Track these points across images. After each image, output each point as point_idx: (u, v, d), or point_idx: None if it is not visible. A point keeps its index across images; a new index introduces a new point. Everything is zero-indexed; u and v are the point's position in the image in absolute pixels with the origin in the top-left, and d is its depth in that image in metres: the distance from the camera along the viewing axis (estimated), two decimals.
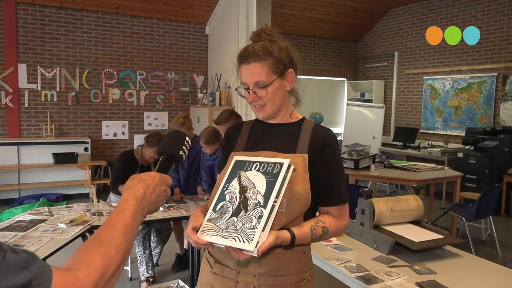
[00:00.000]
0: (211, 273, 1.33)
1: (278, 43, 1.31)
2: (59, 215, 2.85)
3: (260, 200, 1.17)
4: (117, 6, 6.53)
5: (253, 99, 1.30)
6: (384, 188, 7.20)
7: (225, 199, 1.23)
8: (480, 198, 4.03)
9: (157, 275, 3.56)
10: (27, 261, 0.60)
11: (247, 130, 1.44)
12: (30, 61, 6.23)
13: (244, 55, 1.31)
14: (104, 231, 0.78)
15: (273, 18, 6.15)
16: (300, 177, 1.24)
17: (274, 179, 1.19)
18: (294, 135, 1.35)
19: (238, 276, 1.27)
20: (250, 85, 1.29)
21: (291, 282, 1.26)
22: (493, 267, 2.00)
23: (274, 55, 1.28)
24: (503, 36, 6.31)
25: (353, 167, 4.50)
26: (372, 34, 8.70)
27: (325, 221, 1.30)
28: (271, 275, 1.24)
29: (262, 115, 1.35)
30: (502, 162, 5.73)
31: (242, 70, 1.32)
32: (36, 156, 6.07)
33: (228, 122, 3.30)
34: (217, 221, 1.19)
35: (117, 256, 0.75)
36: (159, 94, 7.16)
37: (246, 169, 1.25)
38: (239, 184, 1.23)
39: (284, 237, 1.18)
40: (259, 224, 1.12)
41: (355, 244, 2.26)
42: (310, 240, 1.27)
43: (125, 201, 0.86)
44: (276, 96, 1.31)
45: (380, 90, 8.36)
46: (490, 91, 6.48)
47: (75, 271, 0.67)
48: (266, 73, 1.27)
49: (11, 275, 0.56)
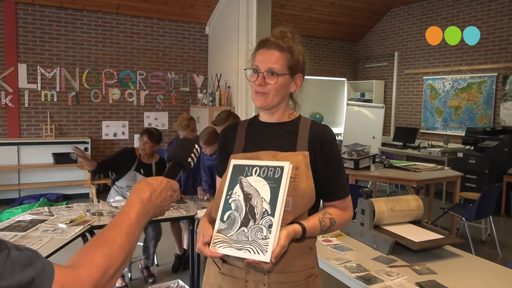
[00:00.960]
0: (219, 274, 1.32)
1: (299, 46, 1.35)
2: (59, 215, 2.85)
3: (267, 209, 1.16)
4: (117, 6, 6.53)
5: (260, 82, 1.30)
6: (384, 188, 7.20)
7: (231, 208, 1.22)
8: (480, 198, 4.03)
9: (157, 275, 3.57)
10: (31, 258, 0.61)
11: (243, 131, 1.43)
12: (30, 61, 6.23)
13: (267, 40, 1.32)
14: (108, 231, 0.80)
15: (273, 18, 6.15)
16: (303, 174, 1.26)
17: (277, 185, 1.18)
18: (292, 133, 1.36)
19: (248, 275, 1.28)
20: (263, 69, 1.30)
21: (301, 278, 1.28)
22: (493, 267, 2.00)
23: (294, 53, 1.32)
24: (503, 36, 6.31)
25: (353, 167, 4.49)
26: (372, 34, 8.69)
27: (332, 213, 1.33)
28: (281, 272, 1.26)
29: (261, 103, 1.33)
30: (502, 162, 5.73)
31: (258, 54, 1.32)
32: (36, 156, 6.07)
33: (226, 123, 3.27)
34: (228, 232, 1.19)
35: (120, 256, 0.76)
36: (159, 94, 7.16)
37: (246, 174, 1.24)
38: (242, 192, 1.22)
39: (295, 230, 1.20)
40: (271, 234, 1.13)
41: (355, 244, 2.26)
42: (320, 231, 1.29)
43: (131, 203, 0.88)
44: (281, 90, 1.32)
45: (380, 90, 8.36)
46: (490, 91, 6.48)
47: (77, 268, 0.68)
48: (282, 64, 1.30)
49: (16, 272, 0.58)
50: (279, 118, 1.39)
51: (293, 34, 1.35)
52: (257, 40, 1.37)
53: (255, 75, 1.31)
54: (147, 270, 3.54)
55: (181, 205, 3.29)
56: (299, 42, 1.36)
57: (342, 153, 5.31)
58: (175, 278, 3.18)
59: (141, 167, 3.61)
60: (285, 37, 1.32)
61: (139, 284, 3.45)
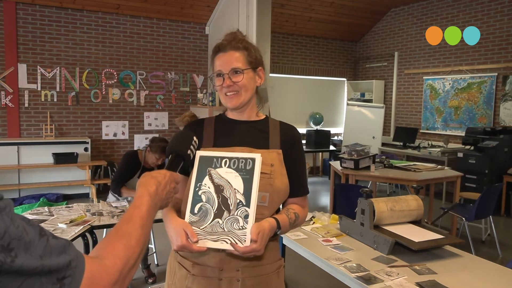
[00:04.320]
0: (188, 275, 1.31)
1: (251, 43, 1.41)
2: (59, 215, 2.85)
3: (242, 199, 1.18)
4: (117, 6, 6.53)
5: (228, 83, 1.33)
6: (384, 188, 7.20)
7: (202, 200, 1.21)
8: (480, 198, 4.03)
9: (157, 275, 3.57)
10: (65, 246, 0.66)
11: (211, 126, 1.43)
12: (30, 61, 6.23)
13: (221, 45, 1.37)
14: (124, 225, 0.84)
15: (273, 18, 6.15)
16: (278, 172, 1.32)
17: (250, 176, 1.19)
18: (263, 132, 1.40)
19: (221, 273, 1.29)
20: (226, 70, 1.33)
21: (272, 270, 1.35)
22: (493, 267, 2.00)
23: (249, 49, 1.37)
24: (503, 36, 6.31)
25: (353, 167, 4.49)
26: (372, 34, 8.70)
27: (295, 208, 1.39)
28: (254, 266, 1.30)
29: (235, 103, 1.35)
30: (502, 162, 5.73)
31: (218, 59, 1.36)
32: (36, 156, 6.07)
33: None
34: (200, 224, 1.19)
35: (137, 247, 0.81)
36: (159, 94, 7.16)
37: (215, 166, 1.23)
38: (213, 183, 1.22)
39: (272, 224, 1.24)
40: (248, 224, 1.15)
41: (355, 244, 2.26)
42: (288, 225, 1.33)
43: (140, 197, 0.93)
44: (250, 85, 1.36)
45: (380, 90, 8.36)
46: (490, 91, 6.48)
47: (102, 259, 0.73)
48: (243, 61, 1.34)
49: (54, 257, 0.63)
50: (249, 116, 1.43)
51: (242, 34, 1.41)
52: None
53: (220, 79, 1.35)
54: (147, 270, 3.54)
55: None
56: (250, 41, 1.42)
57: (342, 153, 5.32)
58: None
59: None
60: (236, 38, 1.37)
61: (139, 284, 3.45)
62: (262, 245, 1.16)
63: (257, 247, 1.15)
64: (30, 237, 0.61)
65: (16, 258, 0.58)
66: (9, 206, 0.61)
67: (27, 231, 0.61)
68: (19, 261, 0.58)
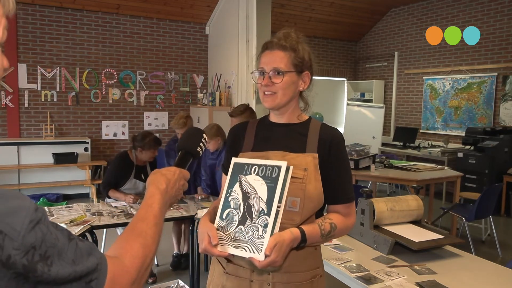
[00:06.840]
0: (223, 273, 1.33)
1: (303, 45, 1.36)
2: (59, 215, 2.85)
3: (264, 208, 1.17)
4: (117, 6, 6.53)
5: (267, 83, 1.31)
6: (384, 188, 7.20)
7: (230, 206, 1.23)
8: (480, 198, 4.03)
9: (157, 275, 3.56)
10: (92, 248, 0.67)
11: (253, 129, 1.43)
12: (30, 61, 6.23)
13: (270, 42, 1.34)
14: (138, 223, 0.84)
15: (273, 18, 6.15)
16: (311, 176, 1.26)
17: (274, 184, 1.18)
18: (302, 135, 1.35)
19: (253, 275, 1.28)
20: (268, 69, 1.31)
21: (305, 278, 1.29)
22: (493, 267, 2.00)
23: (298, 51, 1.33)
24: (503, 36, 6.31)
25: (353, 167, 4.49)
26: (372, 34, 8.69)
27: (332, 218, 1.32)
28: (285, 272, 1.26)
29: (270, 103, 1.34)
30: (502, 162, 5.73)
31: (263, 56, 1.34)
32: (36, 156, 6.07)
33: (243, 115, 3.20)
34: (226, 230, 1.20)
35: (153, 245, 0.82)
36: (159, 94, 7.16)
37: (245, 173, 1.24)
38: (241, 190, 1.23)
39: (295, 236, 1.19)
40: (266, 234, 1.14)
41: (355, 244, 2.26)
42: (320, 236, 1.27)
43: (152, 196, 0.92)
44: (289, 89, 1.32)
45: (380, 90, 8.36)
46: (490, 91, 6.48)
47: (121, 259, 0.73)
48: (286, 63, 1.31)
49: (84, 259, 0.64)
50: (289, 119, 1.39)
51: (297, 34, 1.37)
52: (257, 41, 1.40)
53: (261, 77, 1.33)
54: None
55: (181, 205, 3.29)
56: (304, 42, 1.38)
57: None
58: (175, 278, 3.18)
59: (140, 172, 3.52)
60: (288, 38, 1.33)
61: None
62: (279, 257, 1.13)
63: (272, 260, 1.12)
64: (61, 242, 0.62)
65: (52, 266, 0.58)
66: (44, 214, 0.61)
67: (58, 237, 0.62)
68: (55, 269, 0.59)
